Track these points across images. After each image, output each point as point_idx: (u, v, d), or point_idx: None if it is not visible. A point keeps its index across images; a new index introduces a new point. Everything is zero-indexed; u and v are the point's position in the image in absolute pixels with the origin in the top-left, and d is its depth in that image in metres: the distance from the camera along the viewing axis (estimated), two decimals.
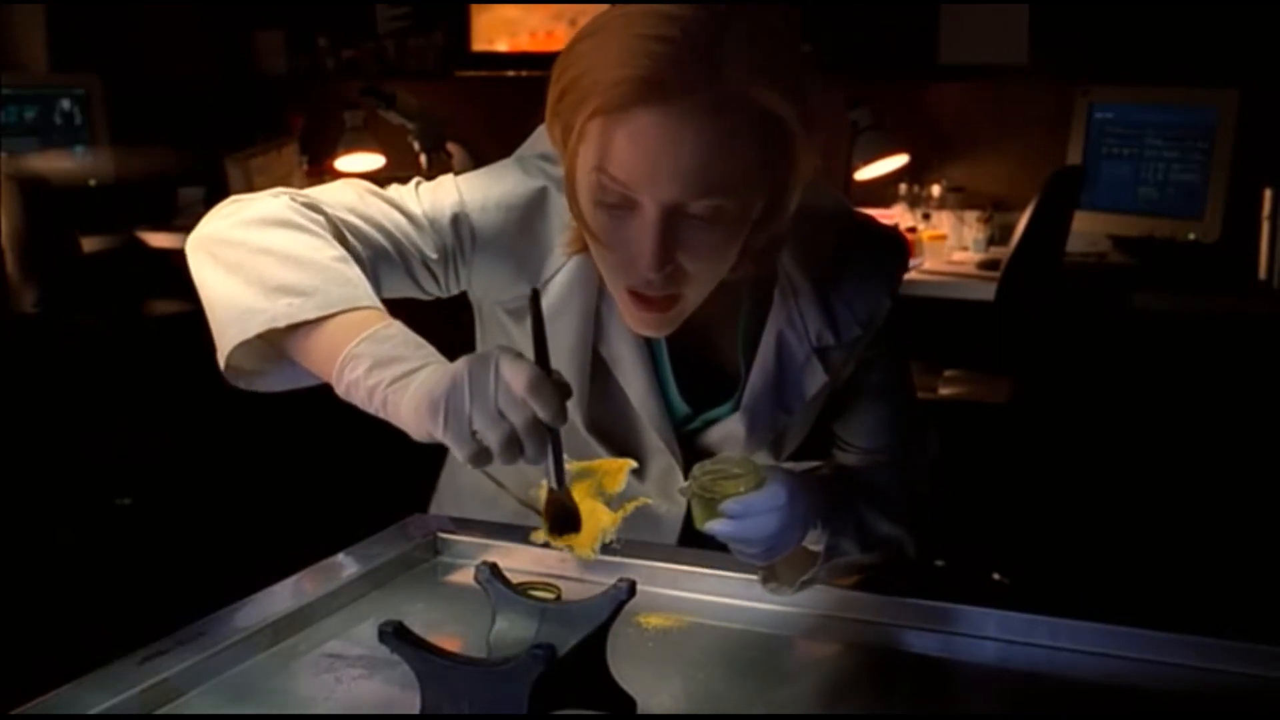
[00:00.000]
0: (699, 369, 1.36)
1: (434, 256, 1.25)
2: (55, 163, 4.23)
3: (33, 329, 3.81)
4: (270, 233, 1.15)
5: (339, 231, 1.19)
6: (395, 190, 1.28)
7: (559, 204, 1.28)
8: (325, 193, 1.23)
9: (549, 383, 0.98)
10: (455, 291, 1.32)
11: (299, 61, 4.75)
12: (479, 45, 4.60)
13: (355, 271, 1.14)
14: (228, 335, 1.12)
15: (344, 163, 4.40)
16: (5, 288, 3.77)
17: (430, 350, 1.06)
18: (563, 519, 1.08)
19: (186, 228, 1.23)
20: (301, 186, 1.23)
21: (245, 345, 1.11)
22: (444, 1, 4.61)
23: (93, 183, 4.39)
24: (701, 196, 1.12)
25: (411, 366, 1.04)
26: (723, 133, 1.10)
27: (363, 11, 4.69)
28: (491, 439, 0.98)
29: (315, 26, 4.73)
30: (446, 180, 1.31)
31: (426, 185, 1.30)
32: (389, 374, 1.04)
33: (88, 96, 4.42)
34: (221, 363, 1.14)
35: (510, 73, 4.54)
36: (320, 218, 1.18)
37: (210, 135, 4.48)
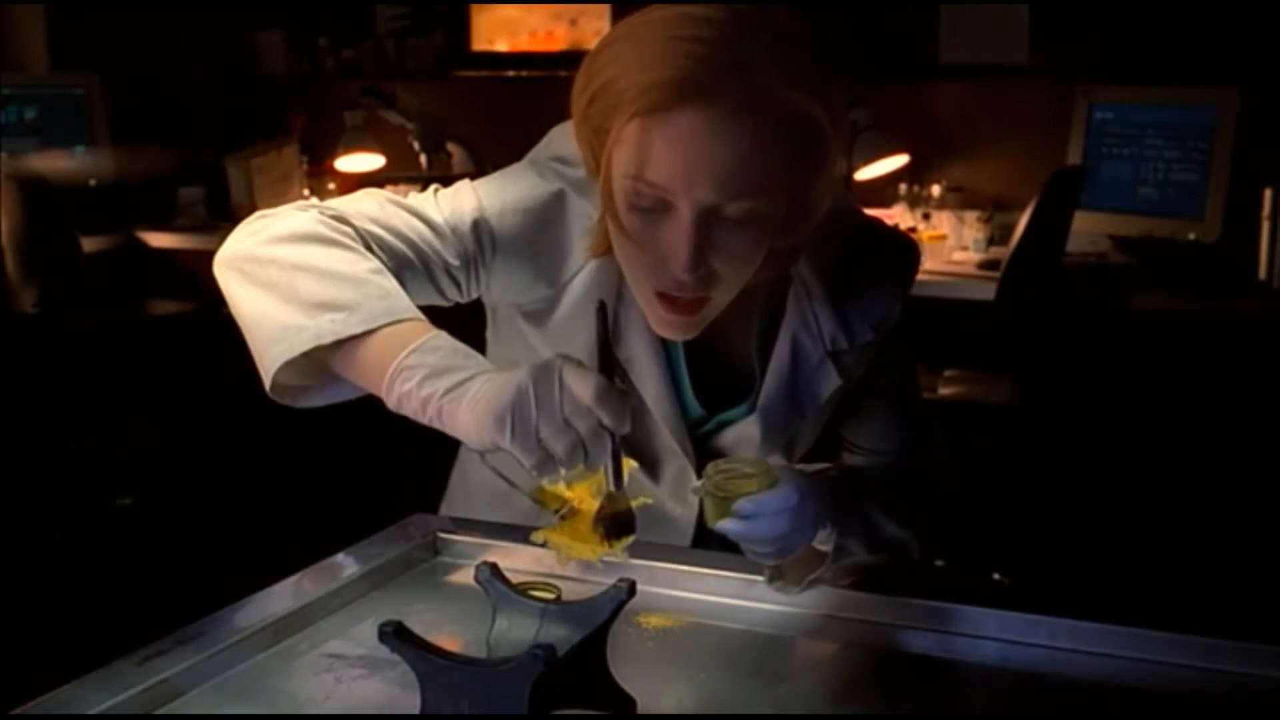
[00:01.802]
0: (714, 371, 1.36)
1: (456, 263, 1.25)
2: (55, 163, 4.23)
3: (33, 329, 3.81)
4: (303, 248, 1.14)
5: (365, 243, 1.19)
6: (415, 198, 1.28)
7: (576, 206, 1.28)
8: (347, 203, 1.23)
9: (615, 391, 0.99)
10: (474, 297, 1.32)
11: (299, 61, 4.74)
12: (479, 45, 4.59)
13: (392, 283, 1.14)
14: (271, 355, 1.11)
15: (344, 163, 4.39)
16: (5, 288, 3.77)
17: (480, 359, 1.07)
18: (619, 522, 1.08)
19: (186, 228, 1.23)
20: (302, 187, 1.23)
21: (288, 363, 1.11)
22: (444, 1, 4.60)
23: (93, 183, 4.39)
24: (737, 198, 1.12)
25: (464, 376, 1.04)
26: (758, 134, 1.11)
27: (363, 11, 4.69)
28: (558, 448, 0.99)
29: (315, 27, 4.73)
30: (464, 186, 1.30)
31: (445, 192, 1.29)
32: (443, 384, 1.03)
33: (88, 96, 4.42)
34: (267, 383, 1.13)
35: (510, 73, 4.54)
36: (349, 229, 1.18)
37: (210, 135, 4.48)
